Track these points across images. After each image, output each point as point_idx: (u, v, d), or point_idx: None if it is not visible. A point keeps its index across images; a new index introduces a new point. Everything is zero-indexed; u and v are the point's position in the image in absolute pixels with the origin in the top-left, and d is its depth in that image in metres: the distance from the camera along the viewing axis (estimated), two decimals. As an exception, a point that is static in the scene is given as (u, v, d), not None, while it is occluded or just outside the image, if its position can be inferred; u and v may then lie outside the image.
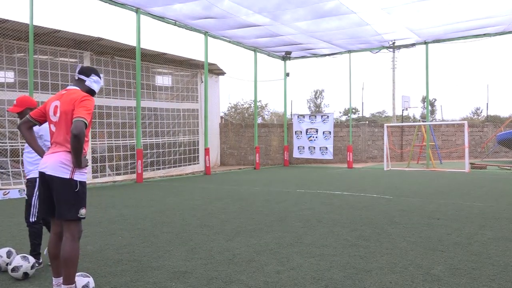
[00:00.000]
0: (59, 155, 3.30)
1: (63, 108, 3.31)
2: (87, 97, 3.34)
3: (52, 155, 3.33)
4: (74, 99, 3.31)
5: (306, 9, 13.30)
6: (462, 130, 20.44)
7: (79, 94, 3.37)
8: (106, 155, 13.88)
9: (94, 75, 3.58)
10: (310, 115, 20.51)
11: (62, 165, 3.26)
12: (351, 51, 19.06)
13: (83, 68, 3.60)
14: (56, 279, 3.40)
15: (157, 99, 16.10)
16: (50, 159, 3.31)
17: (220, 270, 4.12)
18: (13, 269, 3.87)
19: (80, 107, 3.24)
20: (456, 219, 6.45)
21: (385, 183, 11.73)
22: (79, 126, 3.13)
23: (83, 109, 3.23)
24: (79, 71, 3.56)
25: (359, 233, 5.57)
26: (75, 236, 3.29)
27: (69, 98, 3.33)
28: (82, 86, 3.52)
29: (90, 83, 3.55)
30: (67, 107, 3.30)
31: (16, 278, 3.88)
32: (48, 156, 3.36)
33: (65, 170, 3.26)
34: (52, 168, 3.26)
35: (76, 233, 3.31)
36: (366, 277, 3.86)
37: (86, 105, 3.27)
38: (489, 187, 10.61)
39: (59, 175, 3.25)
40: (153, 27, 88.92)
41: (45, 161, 3.35)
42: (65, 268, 3.23)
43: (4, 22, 10.44)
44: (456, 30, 15.92)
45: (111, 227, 6.14)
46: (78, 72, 3.56)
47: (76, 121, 3.16)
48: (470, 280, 3.77)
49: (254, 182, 12.67)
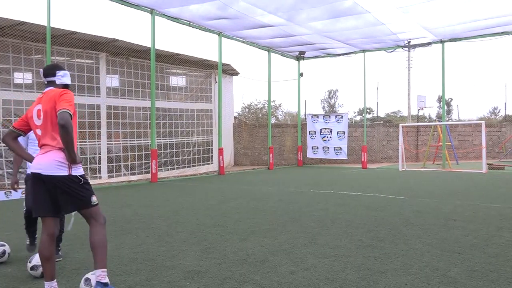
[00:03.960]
0: (51, 154, 3.30)
1: (45, 108, 3.36)
2: (65, 91, 3.39)
3: (44, 155, 3.31)
4: (53, 96, 3.36)
5: (322, 9, 13.24)
6: (479, 130, 20.11)
7: (57, 91, 3.42)
8: (121, 155, 14.02)
9: (59, 70, 3.58)
10: (324, 115, 20.42)
11: (58, 164, 3.27)
12: (365, 51, 18.91)
13: (46, 70, 3.58)
14: (49, 282, 3.33)
15: (171, 100, 16.21)
16: (44, 159, 3.29)
17: (234, 270, 4.13)
18: (32, 267, 3.94)
19: (61, 101, 3.29)
20: (473, 221, 6.35)
21: (400, 184, 11.61)
22: (64, 117, 3.17)
23: (64, 101, 3.28)
24: (44, 75, 3.56)
25: (374, 234, 5.53)
26: (98, 220, 3.40)
27: (49, 97, 3.38)
28: (55, 85, 3.55)
29: (60, 80, 3.57)
30: (48, 105, 3.34)
31: (35, 276, 3.96)
32: (40, 157, 3.33)
33: (61, 168, 3.27)
34: (48, 168, 3.26)
35: (99, 217, 3.42)
36: (381, 279, 3.83)
37: (66, 98, 3.31)
38: (507, 188, 10.41)
39: (57, 173, 3.25)
40: (168, 28, 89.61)
41: (38, 162, 3.32)
42: (97, 253, 3.32)
43: (22, 24, 10.63)
44: (473, 29, 15.63)
45: (126, 226, 6.21)
46: (44, 76, 3.56)
47: (61, 112, 3.19)
48: (487, 282, 3.71)
49: (268, 182, 12.67)
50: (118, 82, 14.26)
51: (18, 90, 11.45)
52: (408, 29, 15.59)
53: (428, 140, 20.01)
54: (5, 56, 11.16)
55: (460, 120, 36.36)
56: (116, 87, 14.19)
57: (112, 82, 14.06)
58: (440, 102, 35.22)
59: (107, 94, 13.58)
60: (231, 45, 73.18)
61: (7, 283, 3.83)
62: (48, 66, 3.63)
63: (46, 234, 3.36)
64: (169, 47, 33.40)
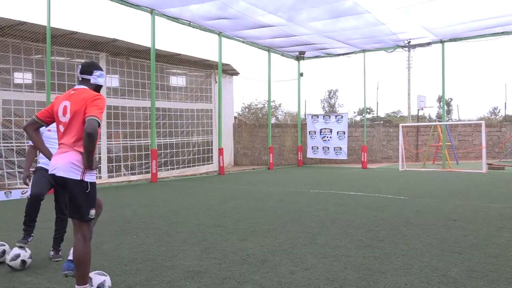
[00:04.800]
0: (69, 155, 3.22)
1: (74, 108, 3.24)
2: (98, 96, 3.28)
3: (62, 155, 3.24)
4: (85, 98, 3.24)
5: (322, 9, 13.24)
6: (479, 130, 20.11)
7: (90, 93, 3.30)
8: (121, 155, 14.03)
9: (96, 70, 3.48)
10: (324, 115, 20.42)
11: (73, 166, 3.20)
12: (365, 51, 18.91)
13: (83, 66, 3.47)
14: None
15: (171, 100, 16.22)
16: (60, 160, 3.23)
17: (234, 270, 4.13)
18: (12, 258, 4.11)
19: (93, 106, 3.17)
20: (473, 221, 6.35)
21: (400, 184, 11.61)
22: (93, 125, 3.06)
23: (96, 108, 3.17)
24: (81, 71, 3.46)
25: (374, 234, 5.53)
26: (86, 237, 3.26)
27: (80, 98, 3.26)
28: (89, 84, 3.44)
29: (95, 79, 3.47)
30: (78, 106, 3.23)
31: (14, 268, 4.13)
32: (58, 157, 3.27)
33: (76, 171, 3.20)
34: (63, 170, 3.20)
35: (87, 234, 3.28)
36: (381, 279, 3.83)
37: (98, 104, 3.21)
38: (507, 188, 10.41)
39: (71, 176, 3.19)
40: (168, 28, 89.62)
41: (55, 162, 3.26)
42: (78, 269, 3.21)
43: (22, 25, 10.64)
44: (473, 29, 15.63)
45: (126, 226, 6.20)
46: (80, 73, 3.46)
47: (90, 119, 3.09)
48: (487, 282, 3.71)
49: (268, 182, 12.67)
50: (118, 82, 14.27)
51: (18, 90, 11.45)
52: (408, 29, 15.59)
53: (428, 140, 20.01)
54: (5, 56, 11.16)
55: (460, 120, 36.36)
56: (116, 87, 14.20)
57: (112, 82, 14.08)
58: (440, 102, 35.23)
59: (107, 94, 13.58)
60: (231, 45, 73.17)
61: (7, 283, 3.83)
62: (86, 63, 3.52)
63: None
64: (169, 47, 33.42)
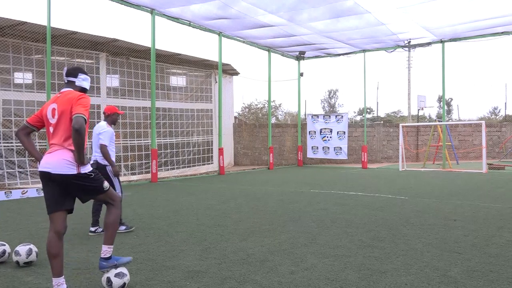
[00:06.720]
0: (60, 153, 3.39)
1: (61, 109, 3.43)
2: (83, 96, 3.48)
3: (53, 154, 3.40)
4: (71, 98, 3.44)
5: (323, 9, 13.23)
6: (479, 130, 20.12)
7: (75, 94, 3.50)
8: (121, 155, 14.03)
9: (81, 73, 3.70)
10: (324, 115, 20.41)
11: (67, 163, 3.36)
12: (365, 51, 18.90)
13: (69, 70, 3.70)
14: (56, 279, 3.39)
15: (171, 100, 16.22)
16: (53, 158, 3.38)
17: (234, 269, 4.13)
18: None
19: (78, 105, 3.37)
20: (473, 221, 6.35)
21: (400, 184, 11.61)
22: (79, 121, 3.26)
23: (81, 106, 3.36)
24: (67, 74, 3.68)
25: (374, 234, 5.53)
26: (114, 202, 3.63)
27: (66, 99, 3.46)
28: (74, 86, 3.65)
29: (79, 82, 3.68)
30: (65, 107, 3.42)
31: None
32: (49, 156, 3.41)
33: (70, 167, 3.36)
34: (57, 167, 3.35)
35: (113, 199, 3.63)
36: (381, 279, 3.83)
37: (83, 103, 3.40)
38: (507, 188, 10.41)
39: (66, 172, 3.34)
40: (168, 28, 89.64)
41: (47, 160, 3.40)
42: (109, 231, 3.59)
43: (22, 25, 10.64)
44: (473, 29, 15.63)
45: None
46: (66, 75, 3.68)
47: (76, 117, 3.28)
48: (487, 282, 3.71)
49: (268, 182, 12.67)
50: (118, 82, 14.27)
51: (18, 90, 11.46)
52: (408, 29, 15.59)
53: (428, 140, 20.01)
54: (5, 56, 11.17)
55: (460, 120, 36.34)
56: (116, 87, 14.20)
57: (112, 82, 14.07)
58: (440, 102, 35.23)
59: (107, 94, 13.58)
60: (231, 45, 73.18)
61: (7, 283, 3.83)
62: (72, 67, 3.76)
63: (54, 231, 3.45)
64: (169, 47, 33.43)
